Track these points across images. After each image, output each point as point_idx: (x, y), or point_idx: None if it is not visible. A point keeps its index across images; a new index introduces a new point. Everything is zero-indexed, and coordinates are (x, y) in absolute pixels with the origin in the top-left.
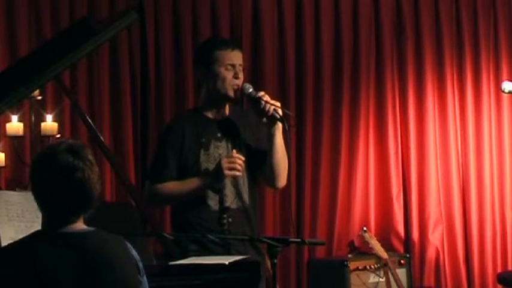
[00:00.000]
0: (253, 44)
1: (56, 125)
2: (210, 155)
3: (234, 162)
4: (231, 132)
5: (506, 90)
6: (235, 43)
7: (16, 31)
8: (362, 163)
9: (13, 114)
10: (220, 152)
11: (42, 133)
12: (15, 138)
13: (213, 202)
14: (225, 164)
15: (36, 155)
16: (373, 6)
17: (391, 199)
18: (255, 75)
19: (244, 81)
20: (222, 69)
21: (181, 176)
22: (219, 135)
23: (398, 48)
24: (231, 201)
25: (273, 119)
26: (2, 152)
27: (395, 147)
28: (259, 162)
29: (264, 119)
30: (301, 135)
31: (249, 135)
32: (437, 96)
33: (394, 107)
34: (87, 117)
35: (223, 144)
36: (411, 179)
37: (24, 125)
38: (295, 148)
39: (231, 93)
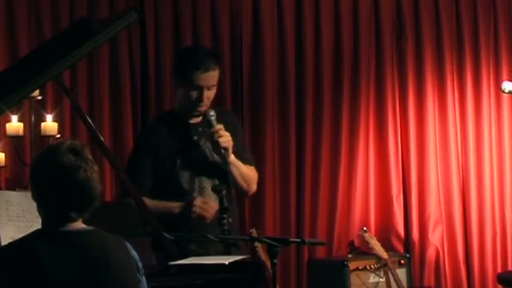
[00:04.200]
0: (253, 44)
1: (56, 125)
2: (187, 159)
3: (206, 210)
4: (208, 134)
5: (506, 90)
6: (210, 62)
7: (16, 31)
8: (362, 163)
9: (13, 114)
10: (197, 156)
11: (42, 133)
12: (15, 138)
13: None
14: (196, 208)
15: (37, 155)
16: (373, 7)
17: (391, 199)
18: (255, 75)
19: (217, 94)
20: (191, 92)
21: (157, 181)
22: (195, 137)
23: (398, 48)
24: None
25: (221, 155)
26: (2, 152)
27: (395, 147)
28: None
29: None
30: (301, 135)
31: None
32: (437, 96)
33: (394, 107)
34: (87, 117)
35: (200, 146)
36: (411, 179)
37: (24, 125)
38: (295, 148)
39: (196, 113)
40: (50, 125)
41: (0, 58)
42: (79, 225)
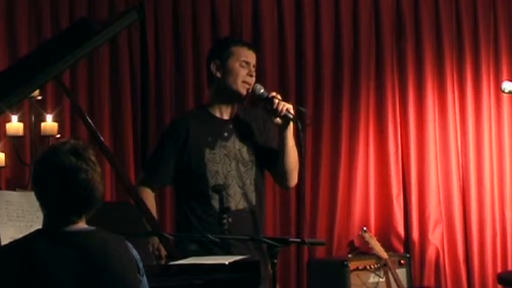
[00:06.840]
0: (253, 44)
1: (56, 125)
2: (215, 155)
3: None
4: (238, 132)
5: (506, 90)
6: (252, 44)
7: (16, 31)
8: (362, 163)
9: (13, 114)
10: (226, 152)
11: (42, 133)
12: (15, 138)
13: (217, 203)
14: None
15: (39, 155)
16: (373, 7)
17: (391, 199)
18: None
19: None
20: (237, 65)
21: (183, 174)
22: (225, 134)
23: (398, 48)
24: (237, 201)
25: (285, 119)
26: (2, 152)
27: (396, 147)
28: (267, 162)
29: (278, 120)
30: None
31: (257, 134)
32: (437, 96)
33: (394, 107)
34: (87, 117)
35: (229, 143)
36: (411, 179)
37: (24, 125)
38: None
39: (243, 91)
40: (50, 125)
41: (0, 58)
42: (80, 225)
